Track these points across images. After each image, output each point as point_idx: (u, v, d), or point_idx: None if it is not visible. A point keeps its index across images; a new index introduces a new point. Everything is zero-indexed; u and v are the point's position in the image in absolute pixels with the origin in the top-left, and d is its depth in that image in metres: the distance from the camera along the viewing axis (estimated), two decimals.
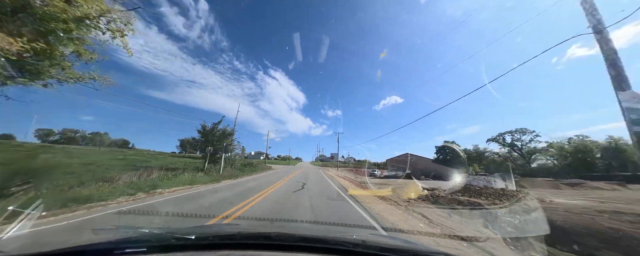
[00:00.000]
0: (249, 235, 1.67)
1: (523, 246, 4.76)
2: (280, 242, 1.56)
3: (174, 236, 1.55)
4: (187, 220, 5.47)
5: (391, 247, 1.56)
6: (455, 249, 4.26)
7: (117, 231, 2.02)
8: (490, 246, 4.57)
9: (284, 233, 1.65)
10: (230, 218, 5.66)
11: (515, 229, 5.82)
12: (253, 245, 1.55)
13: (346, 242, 1.55)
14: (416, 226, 5.87)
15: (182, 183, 11.77)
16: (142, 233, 1.69)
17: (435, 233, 5.23)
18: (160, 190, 9.57)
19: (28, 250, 1.35)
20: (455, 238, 4.89)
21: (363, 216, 6.46)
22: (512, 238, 5.07)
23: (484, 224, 6.49)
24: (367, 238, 1.66)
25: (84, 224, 4.79)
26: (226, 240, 1.58)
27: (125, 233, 1.67)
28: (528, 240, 4.94)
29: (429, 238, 4.92)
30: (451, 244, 4.54)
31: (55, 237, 4.01)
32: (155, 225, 5.09)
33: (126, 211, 6.02)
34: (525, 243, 4.87)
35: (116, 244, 1.42)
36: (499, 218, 6.60)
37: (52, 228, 4.44)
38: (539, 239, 4.94)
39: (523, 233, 5.32)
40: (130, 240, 1.48)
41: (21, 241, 1.88)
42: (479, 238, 4.96)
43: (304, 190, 11.47)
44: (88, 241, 1.40)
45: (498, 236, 5.38)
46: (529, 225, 5.83)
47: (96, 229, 2.21)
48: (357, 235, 1.82)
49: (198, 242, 1.50)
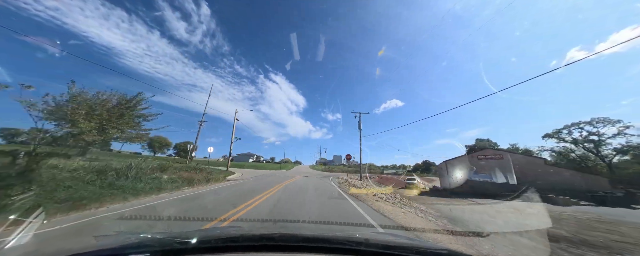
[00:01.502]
0: (252, 237, 1.66)
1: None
2: (284, 243, 1.55)
3: (176, 240, 1.54)
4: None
5: (394, 245, 1.56)
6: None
7: (118, 237, 2.01)
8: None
9: (287, 234, 1.65)
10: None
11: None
12: (256, 246, 1.54)
13: (349, 241, 1.55)
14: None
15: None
16: (143, 238, 1.68)
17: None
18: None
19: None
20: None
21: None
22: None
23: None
24: (370, 237, 1.65)
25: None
26: (229, 242, 1.58)
27: (127, 238, 1.66)
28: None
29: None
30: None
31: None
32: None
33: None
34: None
35: (118, 250, 1.41)
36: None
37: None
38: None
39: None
40: (132, 246, 1.47)
41: (22, 250, 1.87)
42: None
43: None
44: (89, 249, 1.39)
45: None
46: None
47: (97, 236, 2.19)
48: (360, 234, 1.82)
49: (201, 245, 1.49)
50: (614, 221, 10.20)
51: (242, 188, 12.39)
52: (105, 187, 8.55)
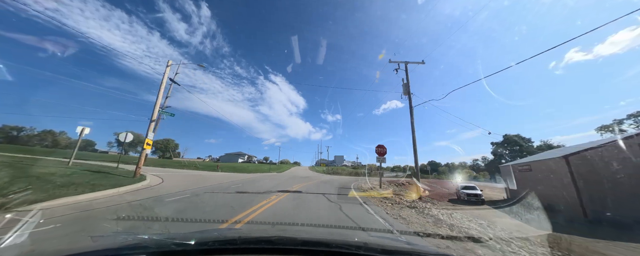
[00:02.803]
0: (250, 240, 1.65)
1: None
2: (282, 246, 1.54)
3: (173, 241, 1.53)
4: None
5: (394, 249, 1.55)
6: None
7: (115, 238, 2.00)
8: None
9: (285, 237, 1.64)
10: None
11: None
12: (254, 249, 1.53)
13: (348, 245, 1.54)
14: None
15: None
16: (141, 239, 1.67)
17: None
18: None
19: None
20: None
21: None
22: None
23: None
24: (369, 241, 1.64)
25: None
26: (227, 245, 1.57)
27: (124, 239, 1.65)
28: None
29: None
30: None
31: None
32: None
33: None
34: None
35: (115, 251, 1.40)
36: None
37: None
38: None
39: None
40: (129, 247, 1.46)
41: (18, 249, 1.85)
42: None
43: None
44: (86, 249, 1.38)
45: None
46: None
47: (94, 236, 2.18)
48: (358, 237, 1.80)
49: (198, 247, 1.48)
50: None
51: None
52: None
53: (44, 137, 68.87)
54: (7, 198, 6.64)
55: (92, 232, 4.85)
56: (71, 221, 5.29)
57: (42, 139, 68.64)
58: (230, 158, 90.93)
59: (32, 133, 68.41)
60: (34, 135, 68.60)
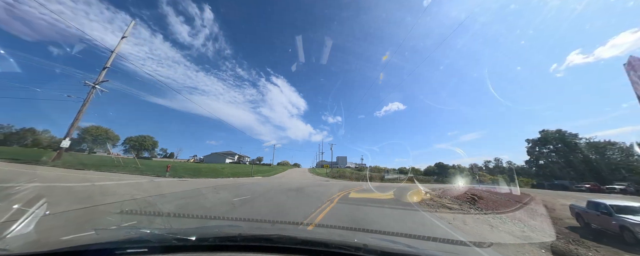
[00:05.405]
0: (250, 237, 1.66)
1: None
2: (282, 245, 1.55)
3: (175, 237, 1.55)
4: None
5: (393, 251, 1.55)
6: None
7: (118, 232, 2.03)
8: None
9: (285, 236, 1.64)
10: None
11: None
12: (254, 247, 1.54)
13: (348, 246, 1.54)
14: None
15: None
16: (143, 233, 1.70)
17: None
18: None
19: (31, 249, 1.36)
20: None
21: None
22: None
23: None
24: (368, 242, 1.64)
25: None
26: (227, 241, 1.58)
27: (127, 233, 1.67)
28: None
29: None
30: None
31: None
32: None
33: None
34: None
35: (118, 244, 1.43)
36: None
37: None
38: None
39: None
40: (132, 240, 1.49)
41: (24, 240, 1.89)
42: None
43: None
44: (90, 241, 1.41)
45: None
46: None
47: (98, 229, 2.22)
48: (358, 239, 1.80)
49: (199, 243, 1.50)
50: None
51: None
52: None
53: (23, 135, 61.01)
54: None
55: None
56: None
57: (21, 138, 60.16)
58: (217, 158, 76.91)
59: (9, 131, 60.39)
60: (12, 133, 60.47)
